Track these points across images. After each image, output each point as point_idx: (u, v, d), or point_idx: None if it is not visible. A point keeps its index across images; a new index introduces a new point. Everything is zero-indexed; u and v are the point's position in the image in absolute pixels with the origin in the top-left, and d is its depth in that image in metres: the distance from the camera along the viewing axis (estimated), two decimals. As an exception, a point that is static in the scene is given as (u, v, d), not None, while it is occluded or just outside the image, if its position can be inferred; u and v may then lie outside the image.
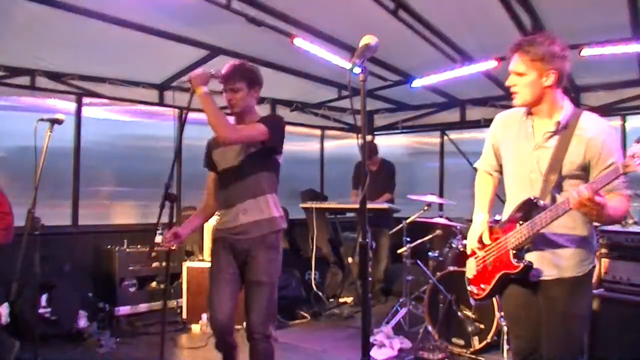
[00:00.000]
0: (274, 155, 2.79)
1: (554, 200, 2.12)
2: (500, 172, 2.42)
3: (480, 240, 2.33)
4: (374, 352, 4.05)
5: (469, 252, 2.46)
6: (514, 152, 2.26)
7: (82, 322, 4.41)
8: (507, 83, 2.19)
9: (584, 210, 1.91)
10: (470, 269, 2.44)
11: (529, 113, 2.21)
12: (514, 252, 2.18)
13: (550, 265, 2.15)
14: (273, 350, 2.70)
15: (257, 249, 2.68)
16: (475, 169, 2.55)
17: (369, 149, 6.13)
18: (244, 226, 2.70)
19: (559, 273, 2.13)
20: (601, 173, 2.02)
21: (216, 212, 2.92)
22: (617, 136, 2.18)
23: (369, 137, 7.31)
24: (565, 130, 2.11)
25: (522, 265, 2.15)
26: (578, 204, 1.89)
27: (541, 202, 2.11)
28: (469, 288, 2.44)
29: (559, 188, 2.12)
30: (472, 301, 2.49)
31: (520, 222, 2.16)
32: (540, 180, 2.14)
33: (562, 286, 2.13)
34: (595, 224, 2.39)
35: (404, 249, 4.89)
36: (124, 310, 4.74)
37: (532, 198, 2.13)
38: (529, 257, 2.18)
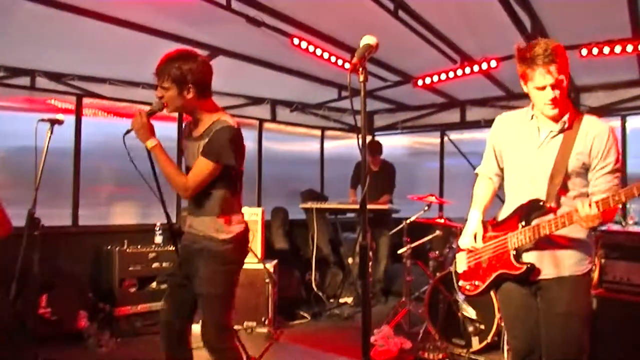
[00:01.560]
0: (233, 171, 2.52)
1: (558, 202, 2.12)
2: (501, 175, 2.41)
3: (475, 237, 2.32)
4: (374, 352, 4.04)
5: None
6: (518, 152, 2.26)
7: (82, 322, 4.41)
8: (551, 98, 2.06)
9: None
10: (461, 264, 2.43)
11: (535, 115, 2.21)
12: (515, 252, 2.18)
13: (549, 264, 2.15)
14: None
15: (201, 260, 2.50)
16: (476, 172, 2.54)
17: (373, 147, 6.13)
18: (193, 236, 2.58)
19: (558, 272, 2.14)
20: (600, 171, 2.08)
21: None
22: (618, 137, 2.18)
23: (369, 137, 7.31)
24: (569, 130, 2.12)
25: (524, 267, 2.14)
26: (587, 224, 1.95)
27: (548, 205, 2.11)
28: (459, 283, 2.44)
29: (564, 189, 2.13)
30: (461, 295, 2.48)
31: (523, 222, 2.16)
32: (543, 180, 2.14)
33: (561, 286, 2.13)
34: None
35: (404, 249, 4.89)
36: (124, 310, 4.74)
37: (539, 200, 2.13)
38: (528, 256, 2.18)
